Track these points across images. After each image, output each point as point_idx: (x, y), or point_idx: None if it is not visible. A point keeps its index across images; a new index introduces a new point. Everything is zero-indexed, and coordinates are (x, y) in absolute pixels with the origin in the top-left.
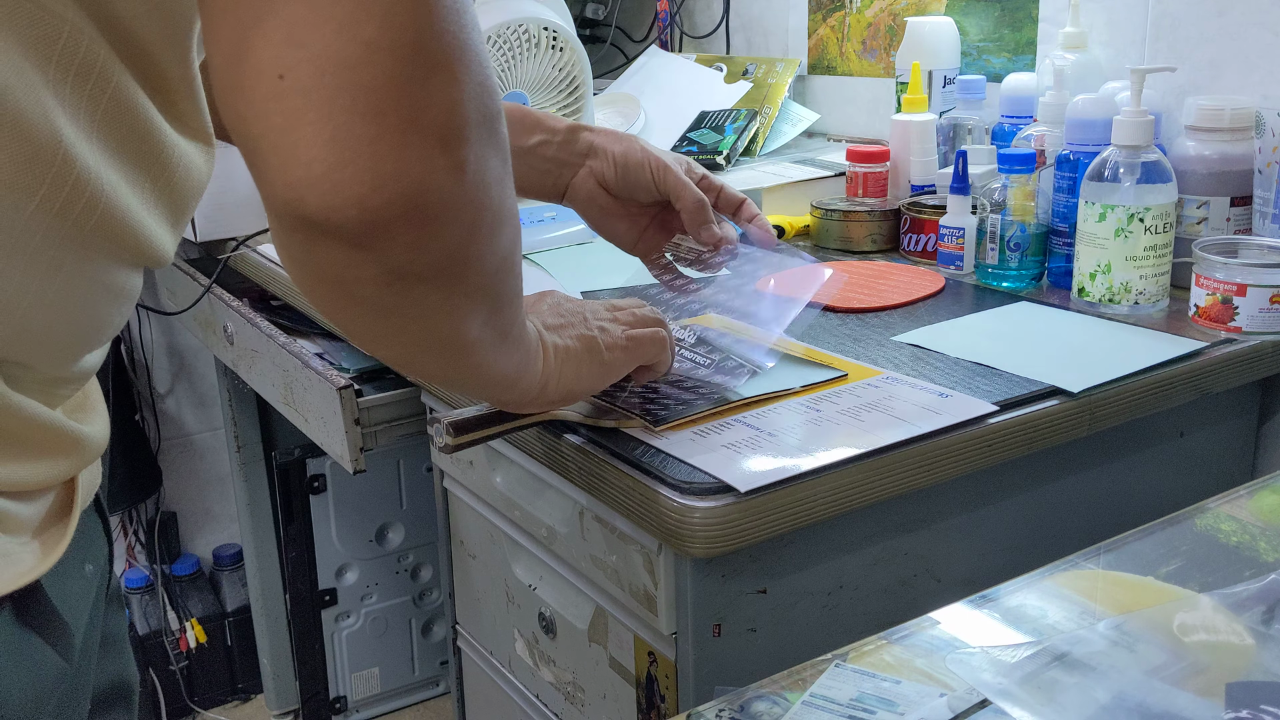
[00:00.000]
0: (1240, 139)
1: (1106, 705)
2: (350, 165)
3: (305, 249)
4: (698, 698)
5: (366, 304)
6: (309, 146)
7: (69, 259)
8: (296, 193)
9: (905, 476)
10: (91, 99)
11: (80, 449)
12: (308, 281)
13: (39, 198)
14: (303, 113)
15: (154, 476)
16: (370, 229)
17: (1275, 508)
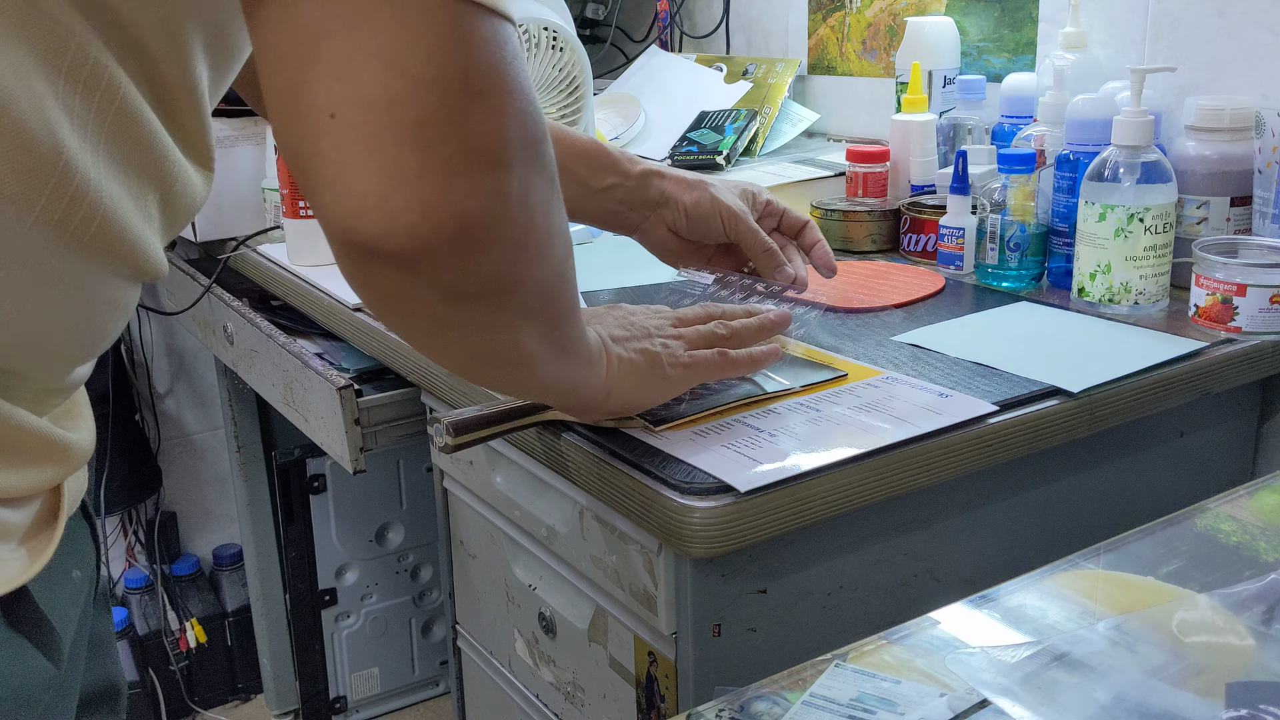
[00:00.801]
0: (1240, 139)
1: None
2: (399, 196)
3: (362, 272)
4: (698, 698)
5: (422, 320)
6: (360, 179)
7: (68, 271)
8: (350, 223)
9: (905, 476)
10: (98, 112)
11: (67, 456)
12: (367, 299)
13: (39, 209)
14: (353, 148)
15: (154, 476)
16: (421, 254)
17: (1275, 508)
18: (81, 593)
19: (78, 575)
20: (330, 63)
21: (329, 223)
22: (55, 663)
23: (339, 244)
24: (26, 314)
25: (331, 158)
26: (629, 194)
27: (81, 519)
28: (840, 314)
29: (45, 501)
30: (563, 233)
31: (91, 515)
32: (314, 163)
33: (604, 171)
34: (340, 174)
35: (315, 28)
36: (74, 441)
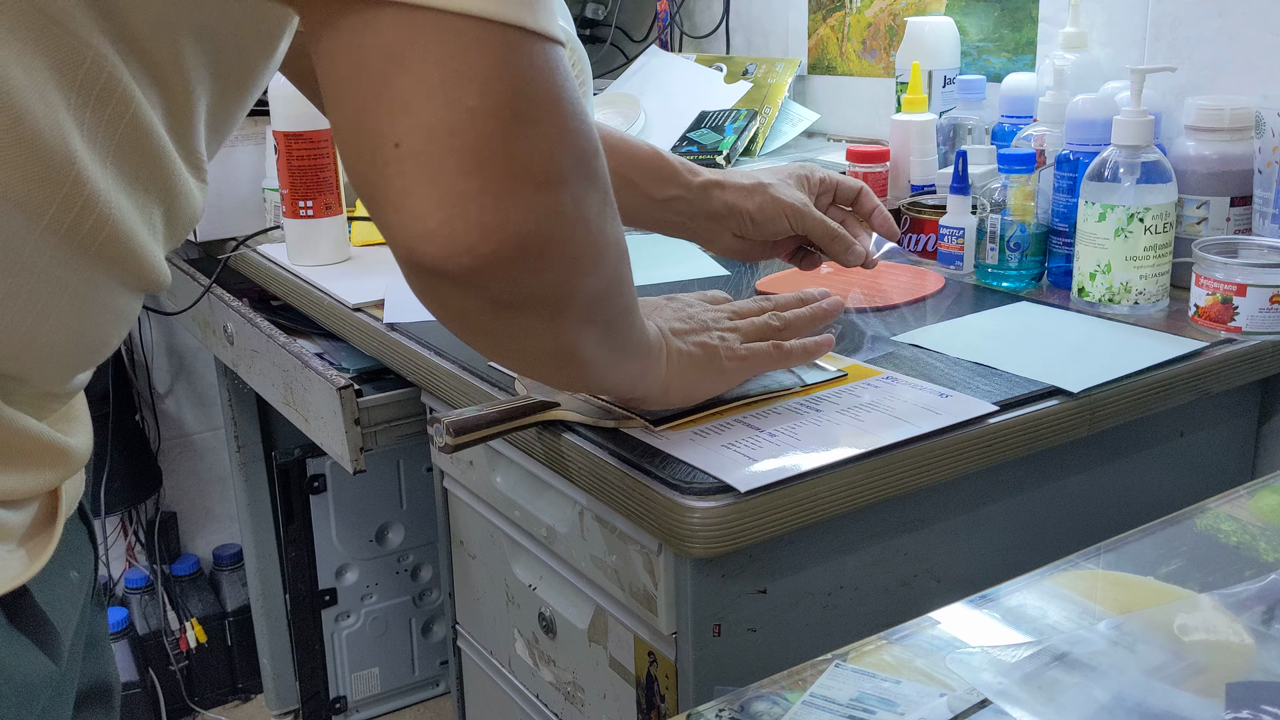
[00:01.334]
0: (1240, 139)
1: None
2: (461, 219)
3: (427, 288)
4: (698, 698)
5: (484, 330)
6: (423, 204)
7: (74, 279)
8: (416, 244)
9: (905, 476)
10: (110, 123)
11: (66, 460)
12: (432, 310)
13: (49, 217)
14: (417, 175)
15: (154, 476)
16: (481, 271)
17: (1275, 508)
18: (80, 593)
19: (75, 576)
20: (394, 96)
21: (395, 245)
22: (55, 661)
23: (405, 263)
24: (31, 321)
25: (397, 185)
26: (690, 206)
27: (79, 521)
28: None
29: (44, 503)
30: (616, 242)
31: (89, 517)
32: (380, 189)
33: (664, 182)
34: (405, 200)
35: (379, 64)
36: (73, 445)
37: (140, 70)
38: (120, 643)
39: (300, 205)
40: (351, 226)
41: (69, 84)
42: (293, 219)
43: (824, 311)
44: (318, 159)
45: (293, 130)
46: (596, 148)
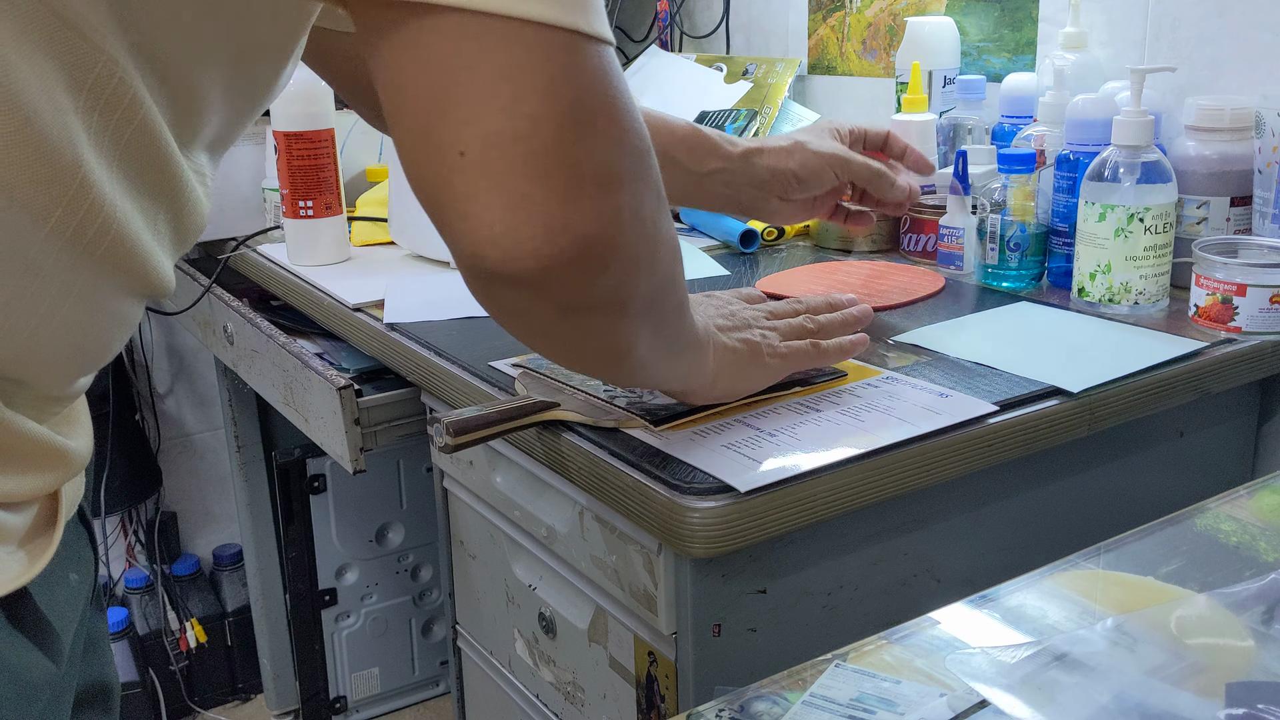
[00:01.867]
0: (1240, 139)
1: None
2: (525, 225)
3: (489, 292)
4: (698, 698)
5: (544, 332)
6: (488, 211)
7: (78, 283)
8: (481, 250)
9: (905, 476)
10: (116, 129)
11: (66, 463)
12: (492, 313)
13: (54, 219)
14: (481, 183)
15: (154, 476)
16: (545, 276)
17: (1275, 508)
18: (80, 595)
19: (75, 578)
20: (456, 105)
21: (459, 251)
22: (56, 662)
23: (468, 269)
24: (34, 324)
25: (462, 192)
26: (734, 177)
27: (79, 523)
28: None
29: (43, 506)
30: (670, 240)
31: (89, 519)
32: (446, 196)
33: (706, 156)
34: (470, 207)
35: (440, 72)
36: (73, 449)
37: (153, 79)
38: (120, 643)
39: (300, 205)
40: (351, 226)
41: (78, 87)
42: (293, 219)
43: (854, 318)
44: (318, 159)
45: (293, 130)
46: (649, 146)
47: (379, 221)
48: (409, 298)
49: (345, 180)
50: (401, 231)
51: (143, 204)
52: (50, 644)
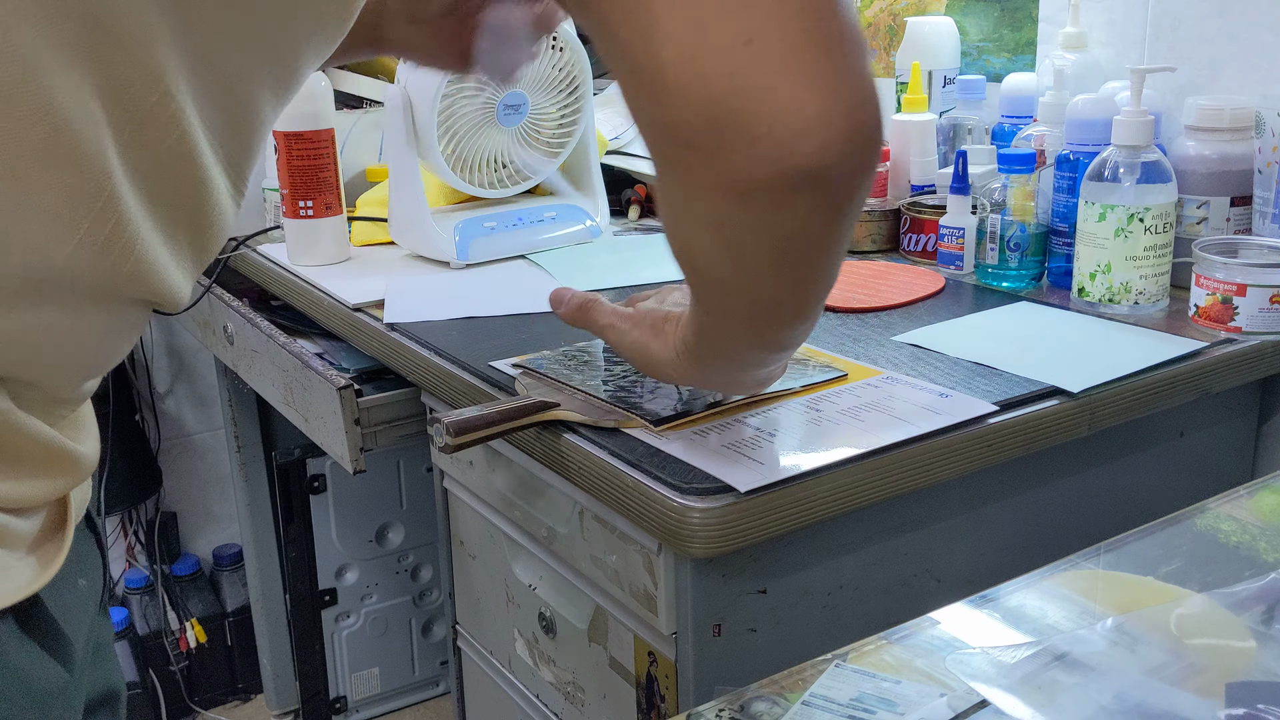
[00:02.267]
0: (1240, 139)
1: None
2: (833, 99)
3: (782, 205)
4: (698, 698)
5: (820, 244)
6: (794, 95)
7: (98, 294)
8: (791, 143)
9: (905, 476)
10: (150, 144)
11: (75, 468)
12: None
13: (83, 231)
14: (778, 66)
15: (154, 476)
16: (852, 158)
17: (1275, 508)
18: (89, 600)
19: (83, 584)
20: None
21: (761, 160)
22: (69, 669)
23: (772, 177)
24: (46, 330)
25: (758, 84)
26: None
27: (86, 527)
28: (840, 314)
29: (52, 511)
30: None
31: (96, 524)
32: (739, 99)
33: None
34: (771, 97)
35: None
36: (82, 453)
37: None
38: (120, 643)
39: (300, 205)
40: (351, 226)
41: (114, 99)
42: (293, 219)
43: None
44: (318, 159)
45: (293, 130)
46: None
47: (379, 221)
48: (409, 298)
49: (345, 180)
50: (401, 231)
51: (166, 221)
52: (63, 651)
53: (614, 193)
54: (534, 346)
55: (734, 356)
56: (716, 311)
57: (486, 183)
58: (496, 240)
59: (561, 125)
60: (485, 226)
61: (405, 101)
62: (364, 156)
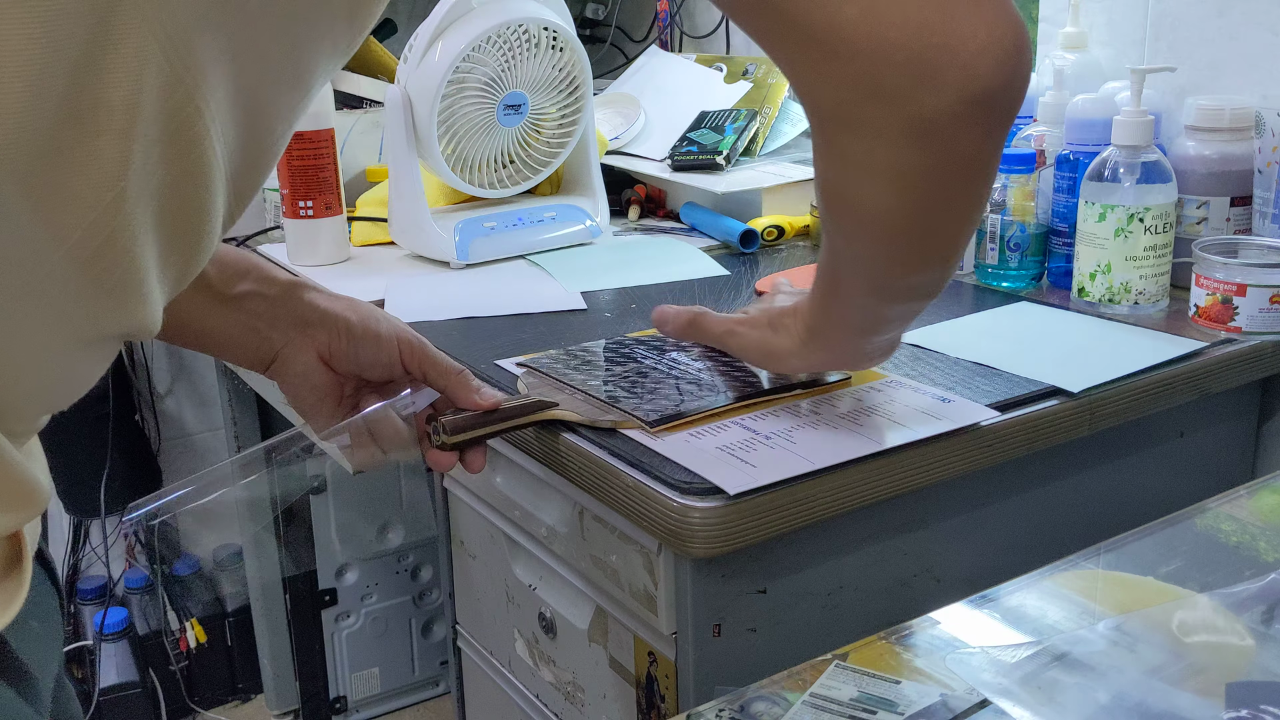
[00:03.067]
0: (1240, 139)
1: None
2: (994, 17)
3: (956, 139)
4: (698, 698)
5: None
6: (967, 22)
7: (76, 314)
8: (973, 65)
9: (905, 476)
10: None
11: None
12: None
13: (73, 241)
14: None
15: (154, 476)
16: (1019, 68)
17: (1275, 508)
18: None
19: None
20: None
21: (949, 90)
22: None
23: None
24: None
25: (937, 20)
26: (271, 307)
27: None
28: None
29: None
30: None
31: (49, 558)
32: (922, 38)
33: (241, 273)
34: (951, 28)
35: None
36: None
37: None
38: (120, 643)
39: (300, 205)
40: (351, 226)
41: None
42: (293, 219)
43: None
44: (318, 159)
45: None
46: None
47: (379, 221)
48: (409, 298)
49: (345, 180)
50: (401, 231)
51: (164, 242)
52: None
53: (614, 193)
54: (534, 347)
55: (867, 322)
56: (869, 263)
57: (486, 183)
58: (496, 240)
59: (561, 125)
60: (485, 226)
61: (405, 101)
62: (364, 156)
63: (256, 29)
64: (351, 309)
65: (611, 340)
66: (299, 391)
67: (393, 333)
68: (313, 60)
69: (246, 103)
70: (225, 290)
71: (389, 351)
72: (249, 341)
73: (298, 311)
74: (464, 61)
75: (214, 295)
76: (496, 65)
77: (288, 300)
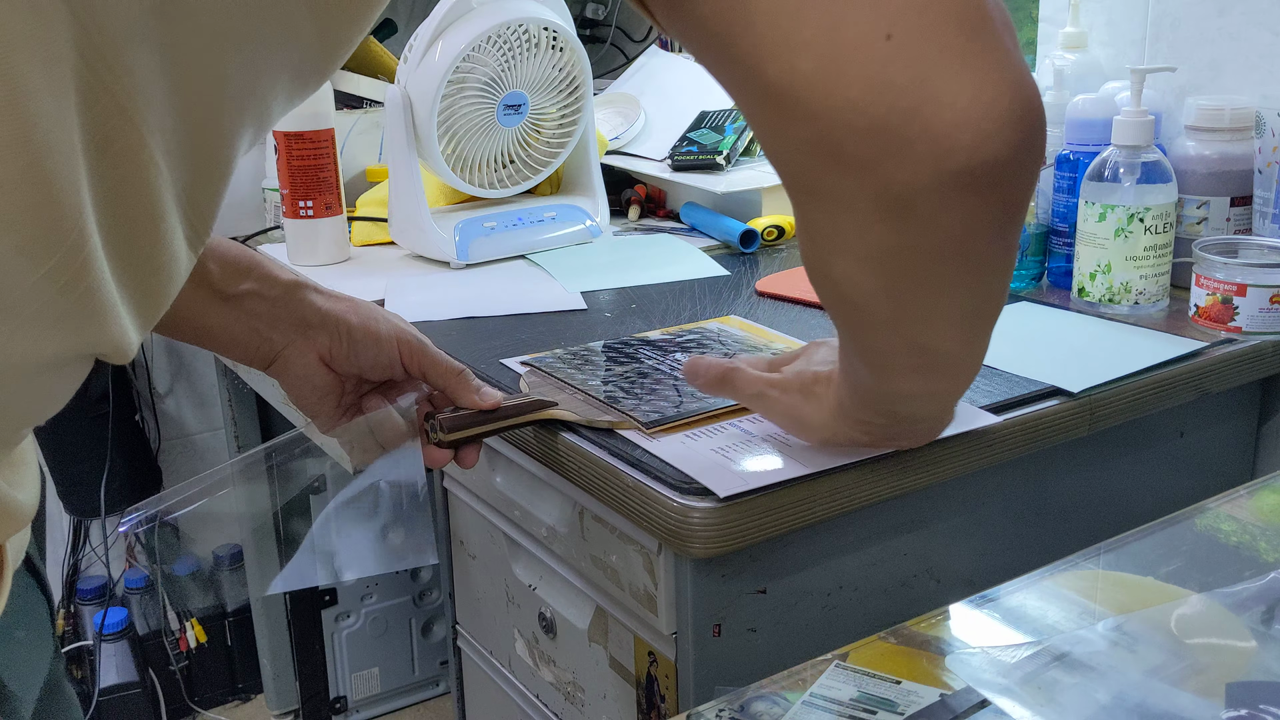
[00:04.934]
0: (1240, 139)
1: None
2: (983, 80)
3: (937, 220)
4: (698, 698)
5: (982, 254)
6: (944, 84)
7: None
8: (950, 138)
9: (905, 477)
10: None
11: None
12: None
13: (50, 265)
14: (924, 56)
15: (154, 476)
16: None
17: (1275, 508)
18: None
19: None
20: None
21: (919, 163)
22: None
23: (933, 182)
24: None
25: (905, 80)
26: (271, 307)
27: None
28: None
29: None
30: None
31: (37, 565)
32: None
33: (239, 275)
34: (923, 91)
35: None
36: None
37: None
38: (120, 643)
39: (300, 205)
40: (351, 226)
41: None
42: (293, 219)
43: None
44: (318, 159)
45: (293, 130)
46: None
47: (379, 221)
48: (409, 298)
49: (345, 180)
50: (401, 231)
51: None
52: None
53: (614, 193)
54: (534, 346)
55: (895, 407)
56: (873, 355)
57: (486, 183)
58: (496, 240)
59: (561, 125)
60: (485, 226)
61: (405, 101)
62: (364, 156)
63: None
64: (352, 310)
65: (615, 340)
66: (300, 391)
67: (393, 334)
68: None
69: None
70: (226, 288)
71: (389, 353)
72: (249, 341)
73: (298, 313)
74: (464, 61)
75: (215, 293)
76: (496, 65)
77: (289, 301)
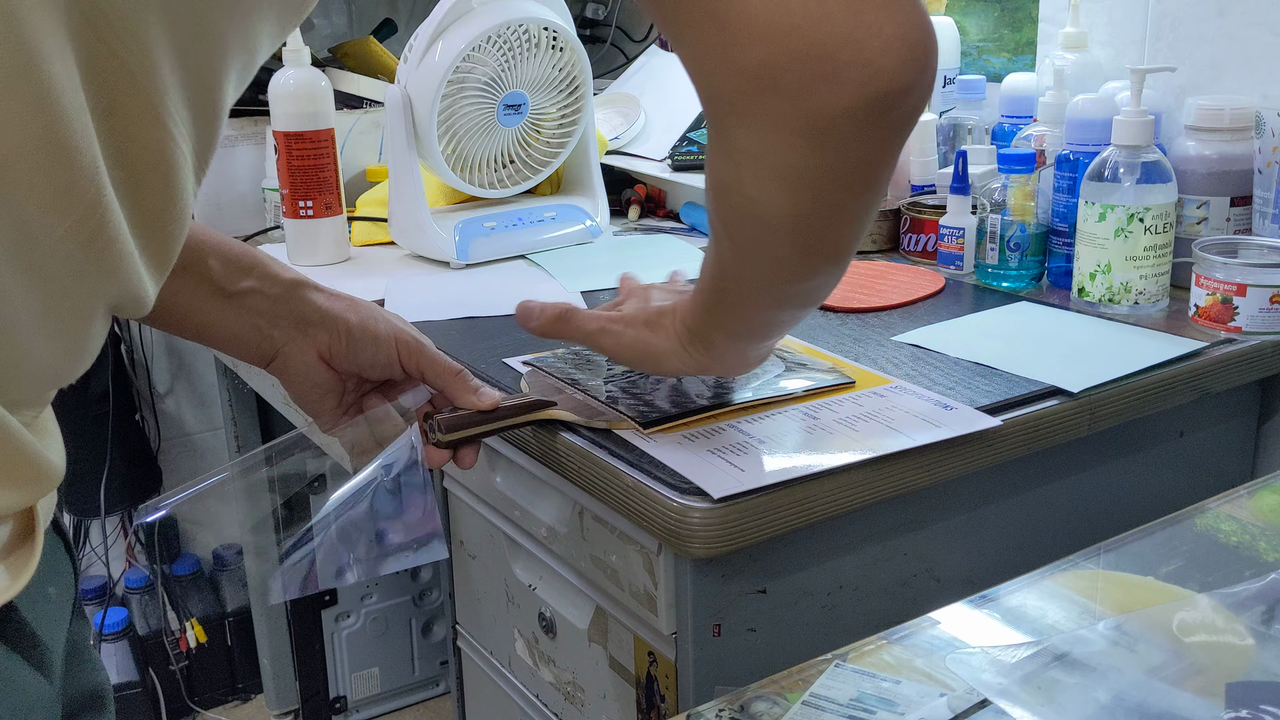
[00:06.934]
0: (1240, 139)
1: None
2: (902, 14)
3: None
4: (698, 698)
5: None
6: (873, 15)
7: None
8: (875, 64)
9: (905, 477)
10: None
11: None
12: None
13: (71, 221)
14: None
15: (154, 476)
16: (924, 70)
17: (1275, 508)
18: (61, 608)
19: (53, 592)
20: None
21: (848, 86)
22: (49, 678)
23: (857, 104)
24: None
25: (841, 11)
26: (271, 305)
27: (53, 533)
28: (840, 314)
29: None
30: None
31: (63, 529)
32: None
33: (240, 273)
34: (855, 20)
35: None
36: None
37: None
38: (120, 643)
39: (300, 205)
40: (351, 226)
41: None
42: (293, 219)
43: None
44: (318, 159)
45: (293, 130)
46: None
47: (379, 221)
48: (409, 298)
49: (345, 180)
50: (401, 231)
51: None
52: (42, 661)
53: (614, 193)
54: (533, 346)
55: (749, 328)
56: (754, 266)
57: (486, 183)
58: (496, 240)
59: (561, 125)
60: (485, 226)
61: (405, 101)
62: (364, 156)
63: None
64: (352, 309)
65: None
66: (301, 389)
67: (391, 334)
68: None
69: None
70: (228, 286)
71: (387, 352)
72: (250, 338)
73: (299, 311)
74: (464, 61)
75: (216, 290)
76: (496, 65)
77: (289, 299)
